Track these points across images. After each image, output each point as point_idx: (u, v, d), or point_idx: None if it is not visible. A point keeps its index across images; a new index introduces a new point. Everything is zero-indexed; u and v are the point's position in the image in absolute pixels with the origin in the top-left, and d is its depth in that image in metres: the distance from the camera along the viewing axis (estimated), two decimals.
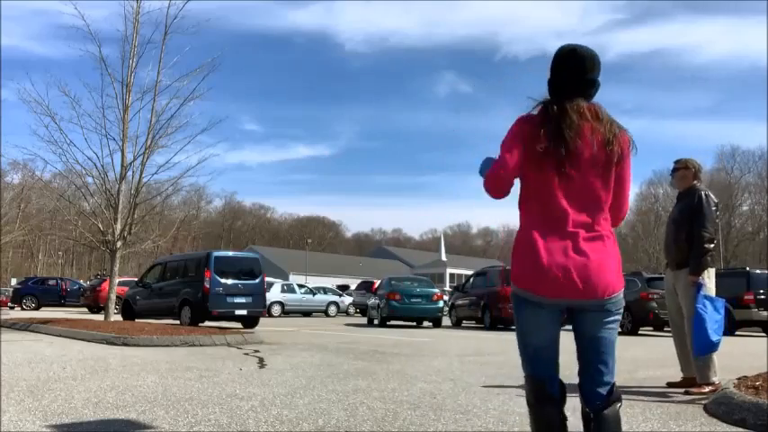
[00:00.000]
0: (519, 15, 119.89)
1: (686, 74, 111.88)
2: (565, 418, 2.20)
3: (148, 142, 13.17)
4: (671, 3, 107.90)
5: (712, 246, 5.27)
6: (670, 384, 5.54)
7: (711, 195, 5.44)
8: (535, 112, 2.26)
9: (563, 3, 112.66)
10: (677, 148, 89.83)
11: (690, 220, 5.36)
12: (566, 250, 2.11)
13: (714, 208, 5.39)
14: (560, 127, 2.16)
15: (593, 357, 2.21)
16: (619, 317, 2.21)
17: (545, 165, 2.17)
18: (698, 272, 5.23)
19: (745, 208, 70.39)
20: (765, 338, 13.68)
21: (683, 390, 5.29)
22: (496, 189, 2.22)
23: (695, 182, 5.57)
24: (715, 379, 5.13)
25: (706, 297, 5.08)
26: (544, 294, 2.14)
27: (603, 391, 2.18)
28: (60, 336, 10.93)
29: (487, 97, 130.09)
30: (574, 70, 2.27)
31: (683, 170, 5.59)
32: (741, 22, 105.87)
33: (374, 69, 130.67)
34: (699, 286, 5.15)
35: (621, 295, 2.19)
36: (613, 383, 2.22)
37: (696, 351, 5.09)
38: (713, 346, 4.99)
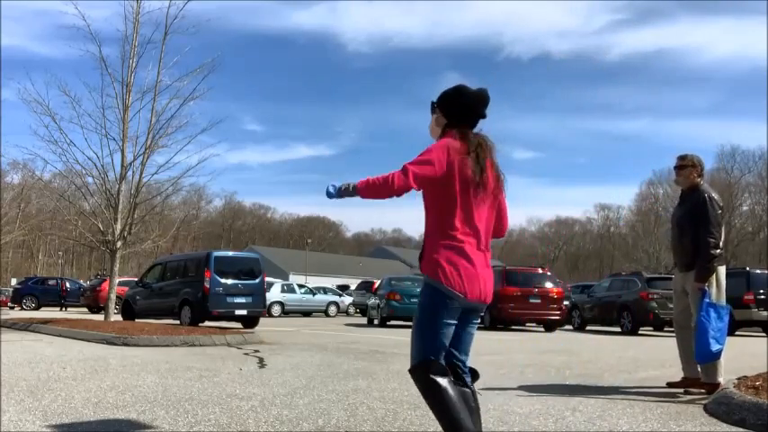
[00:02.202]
0: (522, 16, 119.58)
1: (689, 74, 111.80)
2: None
3: (148, 142, 13.17)
4: (674, 3, 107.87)
5: (718, 251, 5.15)
6: (670, 384, 5.51)
7: (716, 197, 5.28)
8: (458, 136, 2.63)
9: (566, 3, 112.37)
10: (677, 148, 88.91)
11: (695, 223, 5.23)
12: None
13: (719, 211, 5.25)
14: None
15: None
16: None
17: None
18: (703, 278, 5.11)
19: (745, 208, 70.28)
20: (765, 338, 13.68)
21: (682, 390, 5.28)
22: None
23: (700, 180, 5.41)
24: (721, 379, 5.07)
25: (710, 305, 4.99)
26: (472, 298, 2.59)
27: (467, 365, 2.78)
28: (60, 336, 10.93)
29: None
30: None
31: (691, 168, 5.40)
32: (743, 23, 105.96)
33: (376, 70, 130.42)
34: (703, 293, 5.05)
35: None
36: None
37: (697, 359, 5.06)
38: (713, 356, 4.92)
